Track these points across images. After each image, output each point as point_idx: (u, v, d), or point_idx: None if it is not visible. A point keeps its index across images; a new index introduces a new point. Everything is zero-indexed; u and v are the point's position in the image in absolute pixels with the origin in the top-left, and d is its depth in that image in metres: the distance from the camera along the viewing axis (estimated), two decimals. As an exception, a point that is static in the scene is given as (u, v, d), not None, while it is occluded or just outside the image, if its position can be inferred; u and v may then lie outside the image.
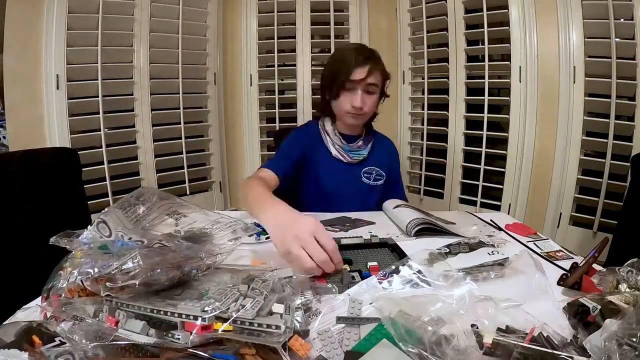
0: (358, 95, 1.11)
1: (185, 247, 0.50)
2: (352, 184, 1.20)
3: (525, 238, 0.88)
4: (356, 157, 1.20)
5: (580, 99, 1.69)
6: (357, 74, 1.09)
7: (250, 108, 2.33)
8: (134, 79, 1.94)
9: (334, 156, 1.19)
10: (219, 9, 2.19)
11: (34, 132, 1.76)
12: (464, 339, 0.43)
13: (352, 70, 1.09)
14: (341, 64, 1.12)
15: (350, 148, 1.20)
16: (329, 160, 1.19)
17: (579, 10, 1.65)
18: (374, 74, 1.11)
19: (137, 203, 0.56)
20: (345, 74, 1.10)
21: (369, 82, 1.11)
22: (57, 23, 1.71)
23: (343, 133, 1.22)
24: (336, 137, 1.20)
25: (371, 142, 1.24)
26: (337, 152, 1.19)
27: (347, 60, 1.11)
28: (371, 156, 1.23)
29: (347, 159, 1.19)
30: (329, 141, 1.20)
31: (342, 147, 1.19)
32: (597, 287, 0.57)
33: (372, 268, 0.69)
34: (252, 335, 0.41)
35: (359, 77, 1.09)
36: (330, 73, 1.15)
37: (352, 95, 1.11)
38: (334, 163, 1.19)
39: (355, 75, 1.09)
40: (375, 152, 1.24)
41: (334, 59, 1.18)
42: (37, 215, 1.05)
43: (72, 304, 0.45)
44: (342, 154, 1.19)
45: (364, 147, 1.22)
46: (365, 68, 1.09)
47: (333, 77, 1.13)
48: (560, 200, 1.80)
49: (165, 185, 2.06)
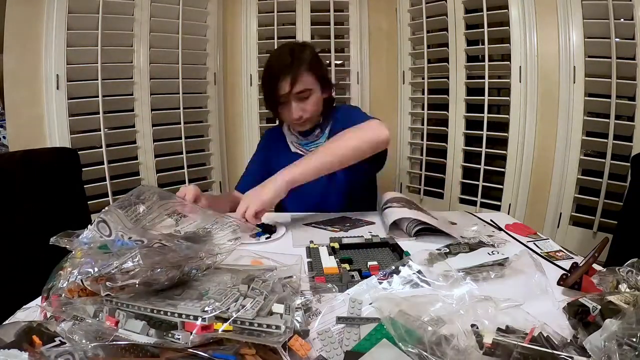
0: (292, 108, 1.08)
1: (185, 247, 0.50)
2: None
3: (525, 238, 0.88)
4: (314, 147, 1.17)
5: (580, 99, 1.69)
6: (282, 89, 1.05)
7: (250, 108, 2.33)
8: (134, 79, 1.93)
9: (293, 152, 1.21)
10: (219, 9, 2.19)
11: (34, 132, 1.75)
12: (464, 339, 0.43)
13: (276, 87, 1.05)
14: (266, 82, 1.09)
15: (308, 140, 1.20)
16: (290, 156, 1.16)
17: (579, 10, 1.65)
18: (299, 80, 1.05)
19: (138, 202, 0.56)
20: (271, 92, 1.08)
21: (296, 92, 1.06)
22: (57, 23, 1.71)
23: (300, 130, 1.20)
24: (292, 136, 1.22)
25: (329, 126, 1.19)
26: (295, 148, 1.21)
27: (270, 77, 1.07)
28: None
29: (304, 152, 1.19)
30: (288, 139, 1.23)
31: (299, 143, 1.21)
32: (597, 287, 0.57)
33: (372, 267, 0.69)
34: (252, 335, 0.41)
35: (283, 92, 1.06)
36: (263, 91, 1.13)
37: (288, 108, 1.09)
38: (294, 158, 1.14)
39: (280, 90, 1.06)
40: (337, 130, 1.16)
41: (263, 75, 1.12)
42: (37, 215, 1.05)
43: (72, 304, 0.45)
44: (300, 149, 1.20)
45: (321, 134, 1.19)
46: (287, 79, 1.04)
47: (265, 100, 1.13)
48: (560, 200, 1.79)
49: (165, 185, 2.06)
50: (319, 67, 1.12)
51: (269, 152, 1.26)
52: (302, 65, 1.06)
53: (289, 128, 1.24)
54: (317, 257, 0.74)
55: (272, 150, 1.25)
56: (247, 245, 0.77)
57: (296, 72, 1.04)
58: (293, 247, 0.82)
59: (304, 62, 1.07)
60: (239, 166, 2.41)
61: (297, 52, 1.08)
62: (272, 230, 0.90)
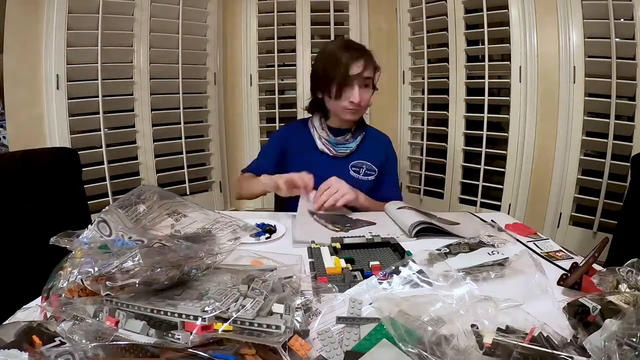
0: (356, 91, 1.10)
1: (185, 247, 0.50)
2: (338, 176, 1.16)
3: (525, 238, 0.88)
4: (342, 151, 1.19)
5: (580, 99, 1.69)
6: (354, 69, 1.09)
7: (250, 108, 2.33)
8: (134, 79, 1.94)
9: (319, 149, 1.19)
10: (219, 9, 2.19)
11: (34, 132, 1.76)
12: (464, 339, 0.43)
13: (350, 66, 1.09)
14: (336, 62, 1.10)
15: (337, 141, 1.19)
16: (314, 153, 1.19)
17: (579, 10, 1.65)
18: (369, 67, 1.11)
19: (138, 201, 0.56)
20: (343, 71, 1.09)
21: (365, 76, 1.10)
22: (57, 23, 1.71)
23: (332, 127, 1.21)
24: (323, 131, 1.20)
25: (361, 135, 1.22)
26: (322, 145, 1.19)
27: (342, 58, 1.09)
28: (361, 150, 1.21)
29: (332, 152, 1.18)
30: (315, 135, 1.20)
31: (328, 141, 1.19)
32: (597, 287, 0.57)
33: (374, 267, 0.69)
34: (252, 335, 0.41)
35: (356, 72, 1.09)
36: (326, 72, 1.13)
37: (350, 91, 1.11)
38: (319, 156, 1.19)
39: (353, 70, 1.09)
40: (366, 146, 1.22)
41: (327, 57, 1.14)
42: (37, 215, 1.05)
43: (72, 304, 0.45)
44: (327, 148, 1.18)
45: (352, 140, 1.20)
46: (361, 62, 1.09)
47: (329, 76, 1.11)
48: (560, 200, 1.80)
49: (165, 185, 2.06)
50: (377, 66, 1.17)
51: (288, 143, 1.22)
52: (370, 57, 1.13)
53: (320, 123, 1.21)
54: (318, 257, 0.74)
55: (293, 142, 1.22)
56: (247, 245, 0.77)
57: (369, 58, 1.12)
58: (293, 247, 0.82)
59: (371, 55, 1.14)
60: (239, 166, 2.39)
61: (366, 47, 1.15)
62: (272, 230, 0.90)
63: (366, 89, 1.13)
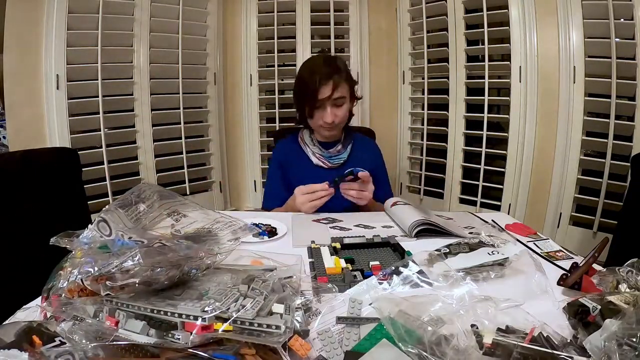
0: (327, 112, 1.15)
1: (185, 247, 0.50)
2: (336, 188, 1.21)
3: (525, 238, 0.88)
4: (337, 162, 1.24)
5: (580, 99, 1.69)
6: (323, 93, 1.12)
7: (250, 108, 2.33)
8: (134, 79, 1.93)
9: (315, 164, 1.24)
10: (219, 9, 2.19)
11: (34, 132, 1.75)
12: (464, 339, 0.43)
13: (318, 90, 1.12)
14: (306, 84, 1.14)
15: (330, 154, 1.25)
16: (311, 168, 1.24)
17: (579, 10, 1.65)
18: (339, 87, 1.14)
19: (138, 200, 0.56)
20: (311, 94, 1.13)
21: (335, 97, 1.14)
22: (57, 23, 1.71)
23: (321, 141, 1.26)
24: (315, 147, 1.25)
25: (350, 144, 1.28)
26: (317, 160, 1.24)
27: (311, 80, 1.13)
28: (352, 158, 1.26)
29: (328, 165, 1.24)
30: (309, 151, 1.25)
31: (322, 155, 1.25)
32: (597, 287, 0.57)
33: (374, 267, 0.69)
34: (252, 335, 0.41)
35: (325, 96, 1.13)
36: (299, 93, 1.19)
37: (322, 112, 1.15)
38: (316, 170, 1.24)
39: (321, 94, 1.12)
40: (356, 153, 1.27)
41: (300, 78, 1.19)
42: (37, 215, 1.05)
43: (72, 304, 0.45)
44: (322, 161, 1.24)
45: (343, 150, 1.26)
46: (329, 84, 1.12)
47: (302, 98, 1.17)
48: (560, 200, 1.79)
49: (165, 186, 2.04)
50: (352, 79, 1.21)
51: (285, 163, 1.28)
52: (342, 74, 1.16)
53: (311, 139, 1.26)
54: (318, 257, 0.74)
55: (288, 162, 1.27)
56: (247, 245, 0.77)
57: (337, 79, 1.14)
58: (293, 247, 0.82)
59: (343, 71, 1.17)
60: (239, 166, 2.41)
61: (335, 62, 1.18)
62: (273, 232, 0.90)
63: (339, 107, 1.17)
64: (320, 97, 1.13)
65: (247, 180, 2.42)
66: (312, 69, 1.16)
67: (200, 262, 0.51)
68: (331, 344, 0.47)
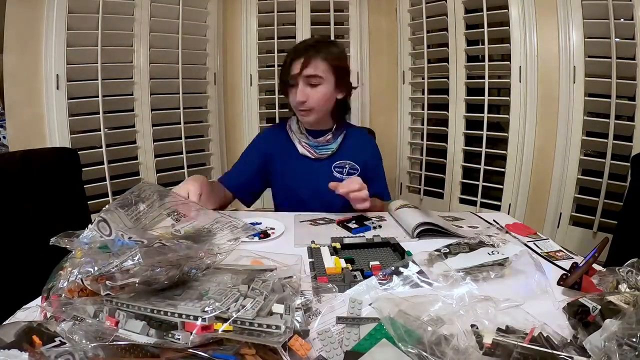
0: (298, 90, 1.08)
1: (185, 247, 0.50)
2: (322, 179, 1.11)
3: (525, 238, 0.88)
4: (324, 152, 1.17)
5: (580, 99, 1.69)
6: (294, 68, 1.07)
7: (250, 108, 2.33)
8: (134, 79, 1.93)
9: (301, 153, 1.17)
10: (219, 9, 2.19)
11: (34, 132, 1.75)
12: (463, 339, 0.43)
13: (290, 65, 1.07)
14: (283, 64, 1.09)
15: (318, 143, 1.17)
16: (296, 158, 1.17)
17: (579, 10, 1.65)
18: (312, 64, 1.06)
19: (138, 200, 0.56)
20: (285, 71, 1.08)
21: (306, 75, 1.06)
22: (57, 23, 1.71)
23: (309, 130, 1.19)
24: (302, 135, 1.17)
25: (341, 135, 1.19)
26: (303, 149, 1.16)
27: (287, 59, 1.08)
28: (342, 150, 1.18)
29: (314, 155, 1.16)
30: (295, 139, 1.18)
31: (308, 144, 1.17)
32: (597, 287, 0.57)
33: (374, 267, 0.69)
34: (252, 335, 0.41)
35: (295, 72, 1.06)
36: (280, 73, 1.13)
37: (294, 90, 1.09)
38: (302, 160, 1.17)
39: (292, 69, 1.07)
40: (347, 146, 1.20)
41: None
42: (37, 215, 1.05)
43: (72, 304, 0.45)
44: (308, 150, 1.16)
45: (332, 141, 1.18)
46: (301, 60, 1.05)
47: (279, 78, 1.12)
48: (560, 200, 1.79)
49: (166, 186, 2.05)
50: (337, 61, 1.11)
51: (270, 151, 1.20)
52: (319, 53, 1.07)
53: (298, 126, 1.19)
54: (318, 257, 0.74)
55: (274, 150, 1.20)
56: (247, 245, 0.77)
57: (310, 56, 1.06)
58: (294, 247, 0.82)
59: (322, 50, 1.08)
60: (239, 166, 2.41)
61: (320, 42, 1.11)
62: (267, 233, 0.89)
63: (314, 87, 1.08)
64: (292, 72, 1.07)
65: (247, 180, 2.42)
66: (295, 46, 1.11)
67: (200, 262, 0.51)
68: (331, 344, 0.47)
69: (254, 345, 0.41)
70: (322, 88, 1.09)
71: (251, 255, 0.70)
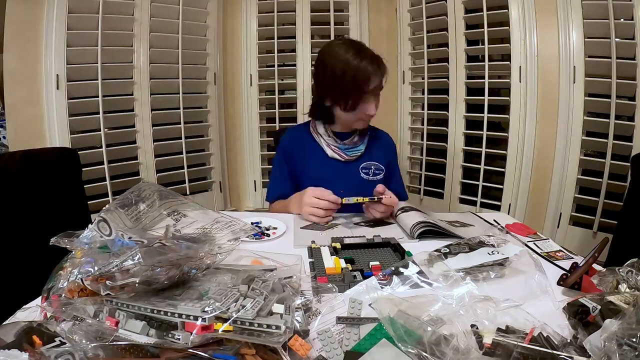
0: (373, 104, 1.11)
1: (185, 247, 0.50)
2: (350, 181, 1.17)
3: (525, 238, 0.88)
4: (353, 154, 1.18)
5: (580, 99, 1.69)
6: (373, 83, 1.08)
7: (250, 108, 2.33)
8: (134, 79, 1.93)
9: (330, 157, 1.18)
10: (219, 9, 2.19)
11: (34, 132, 1.75)
12: (463, 339, 0.43)
13: (371, 82, 1.07)
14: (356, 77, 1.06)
15: (346, 145, 1.18)
16: (325, 160, 1.18)
17: (579, 10, 1.65)
18: (384, 76, 1.11)
19: (138, 200, 0.56)
20: (361, 86, 1.07)
21: (381, 87, 1.11)
22: (57, 23, 1.71)
23: (337, 132, 1.20)
24: (330, 138, 1.19)
25: (367, 136, 1.22)
26: (332, 152, 1.17)
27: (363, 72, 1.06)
28: (368, 151, 1.21)
29: (344, 157, 1.17)
30: (323, 143, 1.18)
31: (337, 147, 1.18)
32: (597, 287, 0.57)
33: (374, 268, 0.69)
34: (252, 335, 0.41)
35: (374, 86, 1.08)
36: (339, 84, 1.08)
37: (366, 104, 1.11)
38: (331, 163, 1.18)
39: (372, 84, 1.08)
40: (372, 147, 1.22)
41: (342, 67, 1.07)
42: (37, 215, 1.05)
43: (72, 304, 0.45)
44: (338, 153, 1.17)
45: (360, 142, 1.20)
46: (378, 74, 1.08)
47: (344, 89, 1.08)
48: (560, 200, 1.79)
49: (166, 185, 2.04)
50: None
51: (294, 153, 1.21)
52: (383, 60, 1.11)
53: (325, 129, 1.19)
54: (318, 257, 0.74)
55: (298, 151, 1.20)
56: (247, 245, 0.77)
57: (383, 66, 1.10)
58: (294, 247, 0.82)
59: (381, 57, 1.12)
60: (239, 166, 2.41)
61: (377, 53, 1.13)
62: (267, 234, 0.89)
63: (377, 97, 1.13)
64: (371, 86, 1.07)
65: (247, 180, 2.42)
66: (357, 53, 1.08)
67: (200, 262, 0.51)
68: (331, 344, 0.47)
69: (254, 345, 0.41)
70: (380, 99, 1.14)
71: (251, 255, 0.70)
